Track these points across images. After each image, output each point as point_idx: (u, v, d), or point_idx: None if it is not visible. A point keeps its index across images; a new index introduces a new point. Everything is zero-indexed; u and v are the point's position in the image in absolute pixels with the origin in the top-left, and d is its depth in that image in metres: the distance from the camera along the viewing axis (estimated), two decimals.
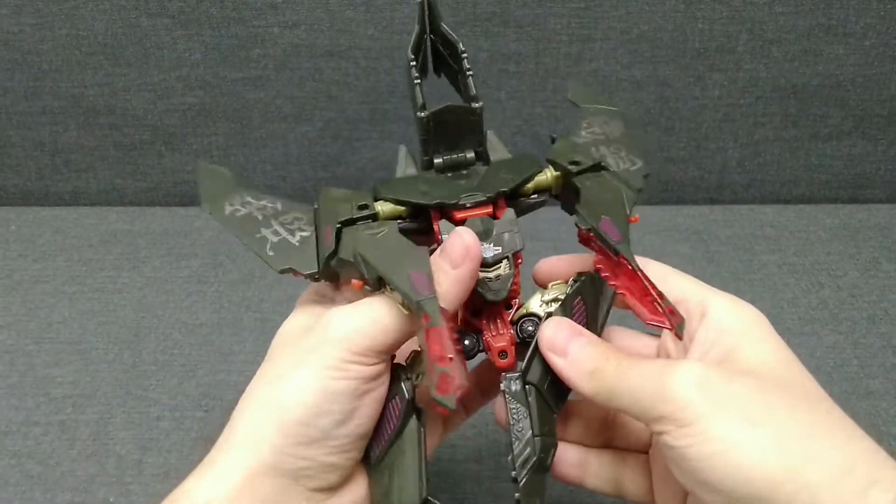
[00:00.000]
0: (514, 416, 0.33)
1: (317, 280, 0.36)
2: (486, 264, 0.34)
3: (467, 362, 0.35)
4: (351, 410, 0.32)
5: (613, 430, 0.38)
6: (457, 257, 0.32)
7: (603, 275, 0.34)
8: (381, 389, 0.33)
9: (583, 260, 0.37)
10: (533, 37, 0.69)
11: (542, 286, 0.37)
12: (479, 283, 0.34)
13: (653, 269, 0.35)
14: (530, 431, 0.33)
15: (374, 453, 0.34)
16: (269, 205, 0.37)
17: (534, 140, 0.74)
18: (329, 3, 0.68)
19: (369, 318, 0.32)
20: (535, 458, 0.32)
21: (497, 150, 0.39)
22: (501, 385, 0.34)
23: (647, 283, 0.31)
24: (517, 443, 0.33)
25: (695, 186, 0.77)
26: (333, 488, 0.33)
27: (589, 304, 0.35)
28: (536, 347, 0.34)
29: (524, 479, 0.32)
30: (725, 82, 0.72)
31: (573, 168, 0.37)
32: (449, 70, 0.39)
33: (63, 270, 0.68)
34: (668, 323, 0.30)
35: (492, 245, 0.34)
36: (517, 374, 0.34)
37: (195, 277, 0.67)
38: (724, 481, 0.27)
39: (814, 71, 0.71)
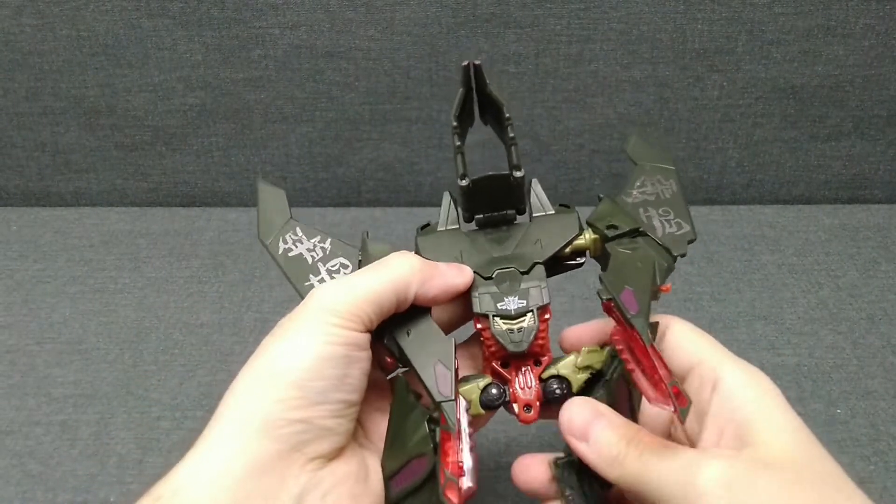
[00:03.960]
0: (570, 501, 0.33)
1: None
2: (509, 316, 0.35)
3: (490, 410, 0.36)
4: (343, 376, 0.33)
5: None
6: None
7: (617, 347, 0.34)
8: (367, 363, 0.34)
9: (609, 327, 0.37)
10: (533, 38, 0.70)
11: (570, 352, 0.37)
12: (501, 334, 0.35)
13: (674, 330, 0.35)
14: None
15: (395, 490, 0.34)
16: (319, 244, 0.39)
17: (534, 140, 0.75)
18: (329, 4, 0.68)
19: (349, 289, 0.34)
20: None
21: (540, 200, 0.39)
22: (552, 472, 0.34)
23: (656, 361, 0.31)
24: None
25: (694, 187, 0.77)
26: (329, 457, 0.33)
27: (631, 386, 0.35)
28: None
29: None
30: (725, 83, 0.72)
31: (610, 233, 0.37)
32: (494, 122, 0.39)
33: (64, 271, 0.68)
34: (671, 405, 0.30)
35: (516, 298, 0.36)
36: (566, 458, 0.34)
37: (196, 278, 0.67)
38: None
39: (813, 71, 0.71)
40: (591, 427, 0.33)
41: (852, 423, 0.54)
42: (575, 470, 0.34)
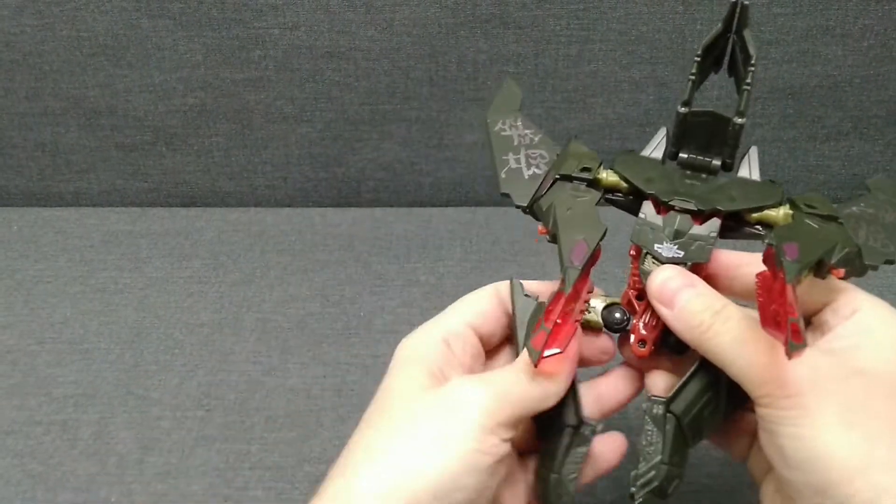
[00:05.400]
0: (647, 438, 0.34)
1: (525, 212, 0.38)
2: (659, 260, 0.35)
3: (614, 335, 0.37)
4: (482, 489, 0.31)
5: None
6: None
7: (757, 287, 0.32)
8: (501, 477, 0.33)
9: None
10: (532, 38, 0.70)
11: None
12: (646, 273, 0.35)
13: (832, 281, 0.34)
14: (660, 456, 0.33)
15: None
16: (531, 135, 0.41)
17: None
18: (329, 5, 0.68)
19: (501, 390, 0.32)
20: (656, 483, 0.33)
21: (751, 167, 0.39)
22: (644, 405, 0.35)
23: (790, 297, 0.29)
24: (644, 463, 0.34)
25: None
26: None
27: None
28: (688, 379, 0.34)
29: (640, 500, 0.33)
30: (724, 83, 0.72)
31: (805, 209, 0.36)
32: (736, 69, 0.38)
33: (65, 271, 0.68)
34: (784, 334, 0.28)
35: (675, 247, 0.35)
36: (663, 399, 0.34)
37: (196, 278, 0.67)
38: (803, 464, 0.29)
39: (812, 72, 0.71)
40: (679, 294, 0.33)
41: None
42: (664, 412, 0.34)
